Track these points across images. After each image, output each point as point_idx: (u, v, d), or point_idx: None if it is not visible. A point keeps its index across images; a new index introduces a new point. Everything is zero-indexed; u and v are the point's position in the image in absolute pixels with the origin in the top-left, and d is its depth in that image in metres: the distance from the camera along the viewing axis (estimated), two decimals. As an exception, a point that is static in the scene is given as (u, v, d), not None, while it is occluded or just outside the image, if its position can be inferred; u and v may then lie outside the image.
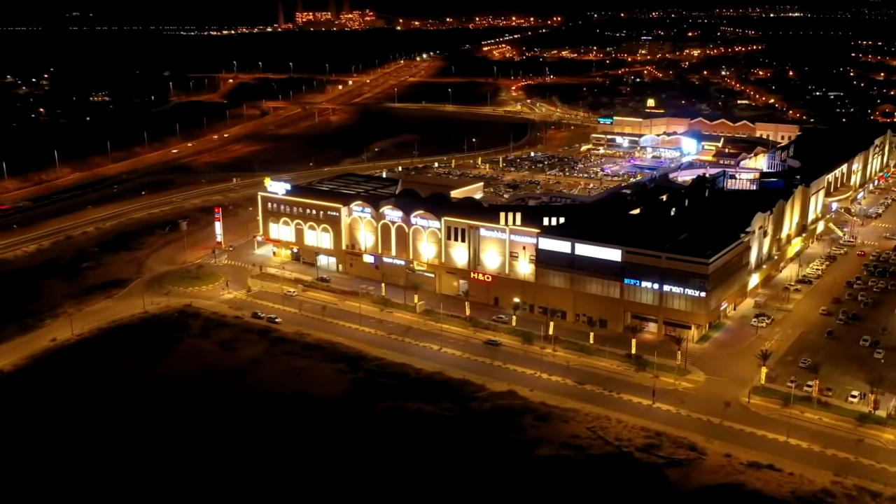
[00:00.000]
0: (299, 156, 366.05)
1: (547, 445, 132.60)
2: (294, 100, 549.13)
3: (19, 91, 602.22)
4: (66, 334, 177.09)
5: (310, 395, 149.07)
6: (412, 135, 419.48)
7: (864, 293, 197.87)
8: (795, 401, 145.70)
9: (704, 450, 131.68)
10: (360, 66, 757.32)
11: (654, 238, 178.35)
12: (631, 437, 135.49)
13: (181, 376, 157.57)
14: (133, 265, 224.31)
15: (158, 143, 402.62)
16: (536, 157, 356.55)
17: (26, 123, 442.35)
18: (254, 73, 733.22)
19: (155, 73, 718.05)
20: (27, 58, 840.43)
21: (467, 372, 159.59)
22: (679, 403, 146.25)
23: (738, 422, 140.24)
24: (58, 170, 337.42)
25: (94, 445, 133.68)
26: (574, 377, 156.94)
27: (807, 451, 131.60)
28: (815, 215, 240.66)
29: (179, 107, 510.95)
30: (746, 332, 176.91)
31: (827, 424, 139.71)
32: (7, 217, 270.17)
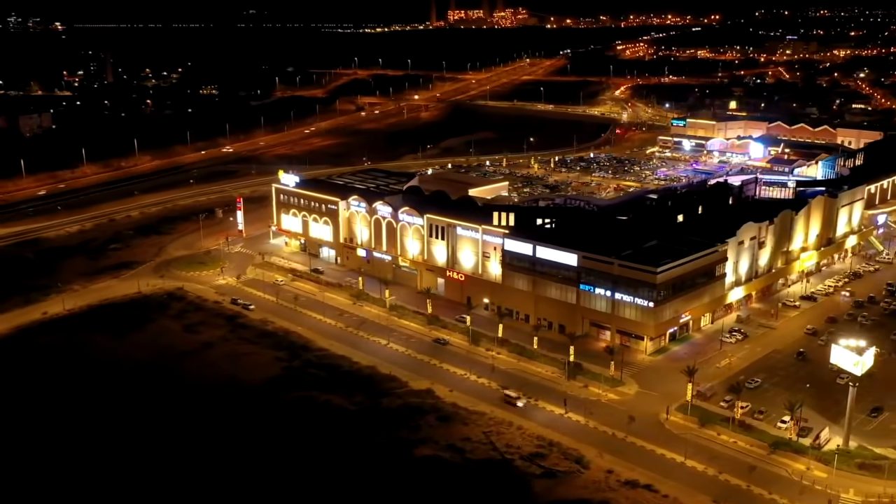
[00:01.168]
0: (369, 150, 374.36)
1: (431, 446, 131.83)
2: (394, 96, 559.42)
3: (147, 83, 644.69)
4: (58, 309, 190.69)
5: (235, 381, 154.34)
6: (489, 132, 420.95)
7: (865, 314, 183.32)
8: (718, 422, 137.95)
9: (589, 463, 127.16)
10: (477, 63, 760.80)
11: (621, 244, 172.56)
12: (522, 445, 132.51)
13: (132, 354, 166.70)
14: (154, 248, 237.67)
15: (244, 135, 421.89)
16: (597, 158, 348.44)
17: (133, 114, 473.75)
18: (372, 70, 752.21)
19: (280, 68, 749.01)
20: (185, 53, 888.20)
21: (399, 368, 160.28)
22: (588, 415, 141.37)
23: (642, 438, 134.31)
24: (137, 157, 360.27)
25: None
26: (501, 380, 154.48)
27: (699, 473, 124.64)
28: (850, 228, 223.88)
29: (280, 101, 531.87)
30: (711, 346, 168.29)
31: (739, 448, 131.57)
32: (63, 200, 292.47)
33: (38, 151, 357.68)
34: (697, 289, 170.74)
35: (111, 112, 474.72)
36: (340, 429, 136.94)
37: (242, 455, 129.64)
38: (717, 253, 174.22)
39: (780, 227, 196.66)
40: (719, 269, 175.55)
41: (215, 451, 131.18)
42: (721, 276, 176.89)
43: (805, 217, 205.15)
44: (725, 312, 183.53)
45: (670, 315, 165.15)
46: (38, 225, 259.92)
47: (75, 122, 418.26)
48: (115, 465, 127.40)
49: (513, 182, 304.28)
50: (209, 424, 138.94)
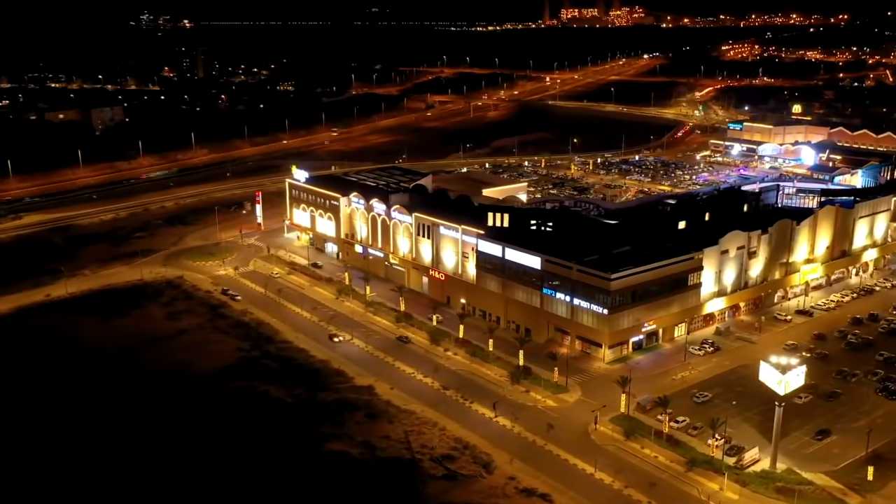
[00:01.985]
0: (420, 149, 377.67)
1: (346, 442, 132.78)
2: (465, 95, 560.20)
3: (235, 79, 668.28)
4: (61, 292, 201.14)
5: (189, 368, 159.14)
6: (547, 133, 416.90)
7: (857, 332, 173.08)
8: (647, 435, 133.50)
9: (495, 469, 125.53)
10: (565, 63, 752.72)
11: (595, 249, 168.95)
12: (437, 446, 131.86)
13: (108, 338, 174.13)
14: (174, 238, 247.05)
15: (305, 131, 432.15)
16: (642, 160, 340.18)
17: (208, 108, 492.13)
18: (459, 68, 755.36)
19: (369, 65, 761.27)
20: (290, 50, 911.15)
21: (351, 364, 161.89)
22: (514, 420, 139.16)
23: (562, 446, 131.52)
24: (195, 150, 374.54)
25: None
26: (444, 381, 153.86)
27: (603, 486, 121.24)
28: (871, 241, 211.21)
29: (353, 98, 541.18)
30: (676, 358, 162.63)
31: (657, 463, 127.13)
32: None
33: (106, 143, 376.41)
34: (664, 297, 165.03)
35: (188, 106, 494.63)
36: (264, 419, 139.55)
37: (151, 440, 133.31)
38: (689, 261, 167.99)
39: (777, 238, 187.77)
40: (692, 278, 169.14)
41: (129, 435, 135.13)
42: (695, 286, 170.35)
43: (810, 227, 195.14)
44: (706, 323, 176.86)
45: (629, 323, 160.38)
46: (75, 212, 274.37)
47: (147, 115, 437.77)
48: (30, 443, 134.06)
49: (544, 183, 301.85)
50: (138, 410, 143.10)
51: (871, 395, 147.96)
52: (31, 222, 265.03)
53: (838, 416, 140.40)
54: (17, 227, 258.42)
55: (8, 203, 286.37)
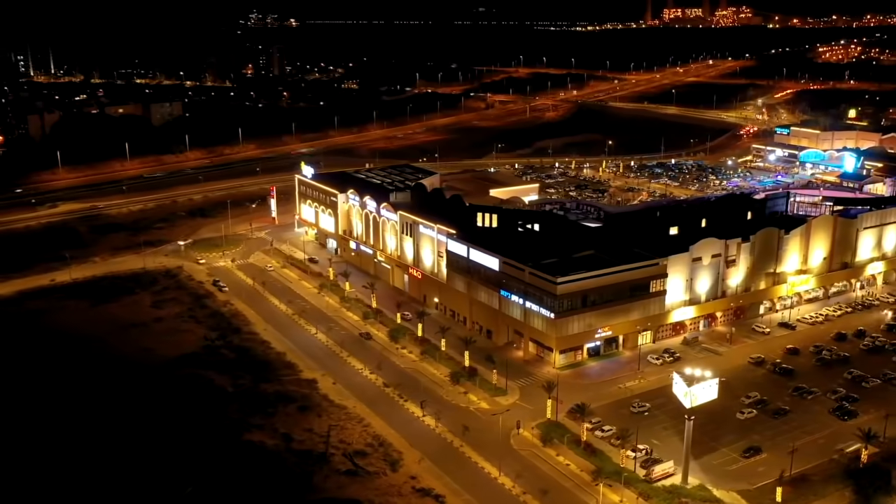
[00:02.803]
0: (462, 148, 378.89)
1: (267, 432, 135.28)
2: (523, 95, 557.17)
3: (309, 76, 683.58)
4: (65, 278, 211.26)
5: (150, 354, 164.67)
6: (597, 135, 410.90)
7: (834, 348, 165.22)
8: (566, 442, 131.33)
9: (400, 467, 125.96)
10: (644, 63, 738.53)
11: (559, 251, 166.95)
12: (355, 441, 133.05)
13: (88, 322, 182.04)
14: (190, 229, 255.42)
15: (358, 128, 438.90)
16: (679, 164, 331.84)
17: (271, 105, 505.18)
18: (534, 68, 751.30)
19: (445, 64, 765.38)
20: (378, 48, 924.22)
21: (305, 357, 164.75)
22: (438, 420, 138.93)
23: (476, 449, 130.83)
24: (242, 145, 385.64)
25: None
26: (388, 378, 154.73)
27: (501, 491, 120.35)
28: (878, 253, 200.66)
29: (415, 96, 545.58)
30: (632, 366, 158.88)
31: (566, 471, 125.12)
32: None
33: (162, 136, 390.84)
34: (622, 304, 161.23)
35: (251, 103, 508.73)
36: (197, 407, 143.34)
37: (75, 420, 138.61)
38: (651, 268, 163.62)
39: (761, 247, 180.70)
40: (655, 285, 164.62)
41: (55, 415, 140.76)
42: (658, 293, 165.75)
43: (802, 237, 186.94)
44: (676, 332, 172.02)
45: (581, 328, 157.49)
46: (108, 202, 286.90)
47: (205, 111, 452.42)
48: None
49: (567, 185, 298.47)
50: (77, 392, 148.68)
51: (822, 415, 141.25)
52: (64, 210, 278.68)
53: (778, 433, 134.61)
54: (51, 215, 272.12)
55: (52, 192, 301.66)
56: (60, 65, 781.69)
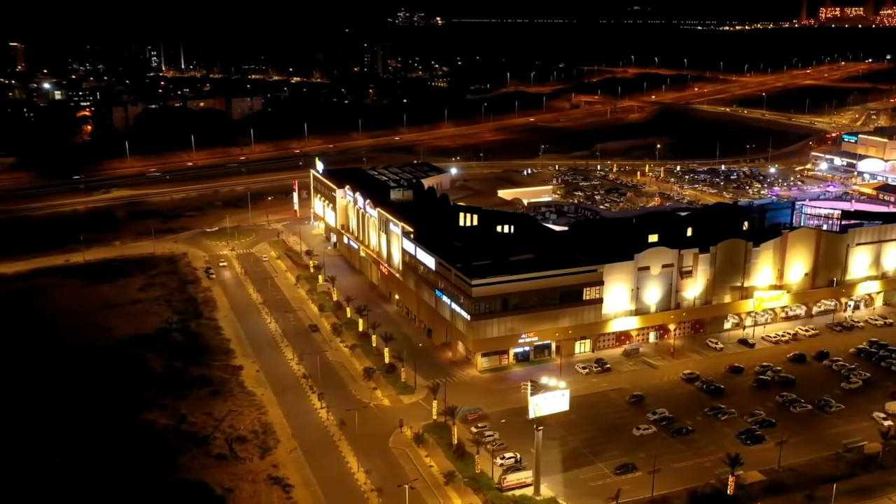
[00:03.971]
0: (521, 149, 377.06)
1: (165, 413, 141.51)
2: (610, 96, 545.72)
3: (413, 73, 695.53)
4: (79, 258, 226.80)
5: (108, 333, 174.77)
6: (665, 137, 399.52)
7: (779, 369, 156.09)
8: (441, 445, 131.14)
9: (269, 455, 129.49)
10: (760, 65, 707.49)
11: (505, 254, 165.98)
12: (243, 427, 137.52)
13: (72, 299, 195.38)
14: (214, 218, 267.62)
15: (429, 126, 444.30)
16: (730, 171, 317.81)
17: (356, 102, 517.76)
18: (644, 69, 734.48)
19: (554, 63, 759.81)
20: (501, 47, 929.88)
21: (247, 345, 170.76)
22: (328, 413, 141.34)
23: (352, 443, 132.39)
24: (307, 140, 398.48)
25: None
26: (309, 370, 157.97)
27: (351, 486, 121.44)
28: (876, 272, 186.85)
29: (501, 96, 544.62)
30: (542, 374, 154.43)
31: (425, 472, 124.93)
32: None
33: (237, 130, 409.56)
34: (551, 310, 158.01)
35: (339, 99, 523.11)
36: (116, 385, 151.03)
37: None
38: (582, 274, 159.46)
39: (725, 258, 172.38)
40: (589, 292, 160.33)
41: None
42: (594, 301, 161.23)
43: (777, 251, 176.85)
44: (622, 342, 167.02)
45: (501, 332, 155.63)
46: (155, 190, 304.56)
47: (286, 106, 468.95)
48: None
49: (600, 188, 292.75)
50: (13, 366, 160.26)
51: (727, 438, 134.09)
52: (115, 196, 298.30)
53: (666, 452, 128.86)
54: (100, 200, 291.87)
55: (112, 179, 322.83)
56: (190, 60, 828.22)
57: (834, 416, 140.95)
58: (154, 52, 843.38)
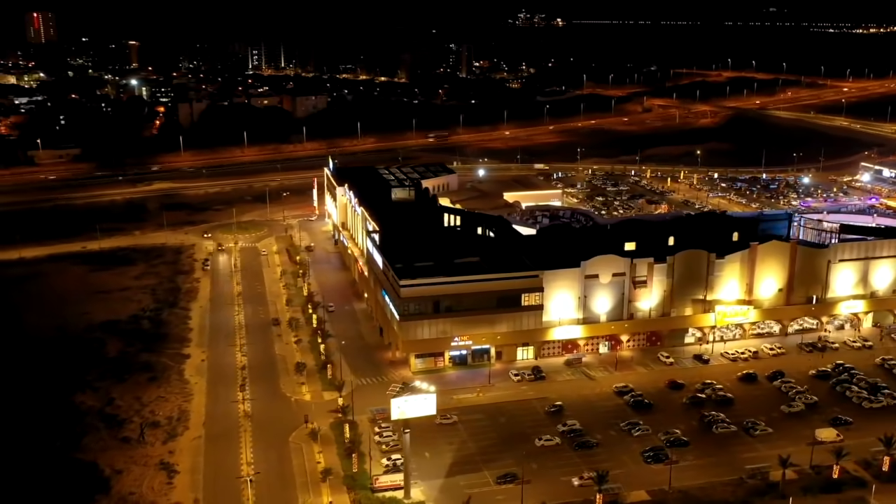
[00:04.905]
0: (574, 152, 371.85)
1: (95, 395, 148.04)
2: (683, 100, 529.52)
3: (497, 75, 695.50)
4: (95, 246, 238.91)
5: (84, 317, 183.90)
6: (727, 144, 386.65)
7: (721, 388, 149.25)
8: (335, 443, 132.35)
9: (171, 441, 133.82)
10: (864, 70, 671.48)
11: (457, 255, 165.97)
12: (160, 414, 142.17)
13: (70, 283, 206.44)
14: (239, 212, 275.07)
15: (489, 127, 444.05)
16: (767, 180, 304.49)
17: (426, 102, 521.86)
18: (737, 72, 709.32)
19: (644, 65, 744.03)
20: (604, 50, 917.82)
21: (206, 335, 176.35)
22: (242, 404, 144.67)
23: (254, 435, 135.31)
24: (360, 139, 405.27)
25: None
26: (251, 361, 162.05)
27: (229, 475, 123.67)
28: (864, 290, 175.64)
29: (573, 98, 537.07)
30: (476, 379, 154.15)
31: (310, 468, 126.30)
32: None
33: (292, 128, 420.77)
34: (486, 314, 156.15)
35: (410, 99, 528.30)
36: (64, 367, 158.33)
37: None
38: (523, 280, 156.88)
39: (685, 269, 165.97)
40: (528, 298, 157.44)
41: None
42: (534, 307, 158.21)
43: (744, 264, 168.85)
44: (569, 351, 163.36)
45: (432, 334, 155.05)
46: (193, 183, 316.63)
47: (349, 105, 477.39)
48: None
49: (626, 194, 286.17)
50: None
51: (633, 455, 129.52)
52: (155, 188, 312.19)
53: (560, 465, 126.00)
54: (140, 192, 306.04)
55: (158, 172, 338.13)
56: (290, 59, 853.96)
57: (758, 439, 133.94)
58: (255, 52, 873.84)
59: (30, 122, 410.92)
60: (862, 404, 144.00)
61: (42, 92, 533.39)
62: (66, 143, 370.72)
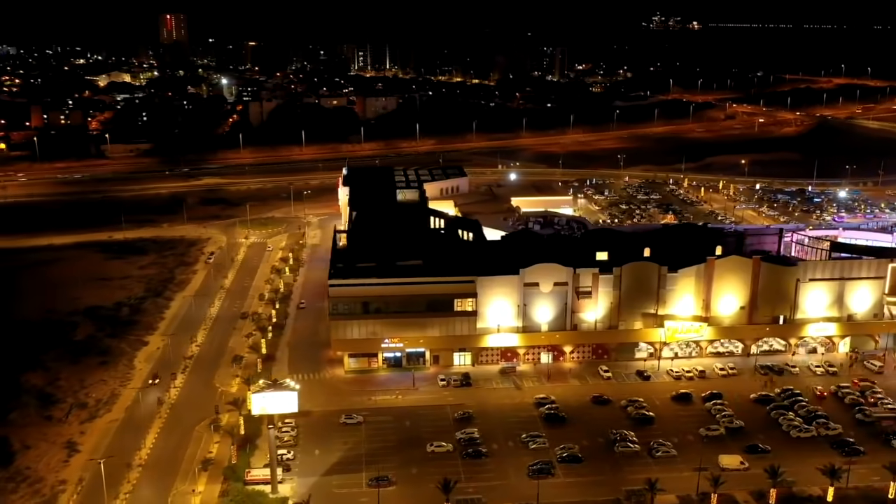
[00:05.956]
0: (634, 159, 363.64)
1: (44, 375, 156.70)
2: (768, 108, 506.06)
3: (591, 79, 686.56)
4: (120, 236, 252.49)
5: (72, 302, 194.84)
6: (795, 154, 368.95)
7: (646, 406, 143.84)
8: (233, 436, 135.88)
9: (88, 422, 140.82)
10: None
11: (399, 257, 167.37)
12: (90, 396, 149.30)
13: (79, 269, 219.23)
14: (270, 208, 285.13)
15: (554, 131, 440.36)
16: (812, 192, 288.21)
17: (500, 105, 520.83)
18: (851, 79, 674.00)
19: (749, 71, 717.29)
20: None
21: (175, 324, 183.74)
22: (167, 392, 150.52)
23: (164, 422, 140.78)
24: (418, 141, 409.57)
25: None
26: (200, 352, 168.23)
27: (123, 458, 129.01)
28: (843, 314, 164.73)
29: (653, 103, 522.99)
30: (405, 381, 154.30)
31: (199, 456, 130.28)
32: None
33: (357, 128, 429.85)
34: (415, 317, 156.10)
35: (487, 102, 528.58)
36: (30, 349, 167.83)
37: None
38: (453, 285, 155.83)
39: (633, 282, 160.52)
40: (460, 303, 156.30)
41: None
42: (467, 313, 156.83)
43: (700, 279, 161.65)
44: (509, 359, 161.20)
45: (362, 334, 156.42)
46: (237, 180, 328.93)
47: (418, 107, 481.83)
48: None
49: (647, 202, 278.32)
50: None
51: (519, 467, 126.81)
52: (203, 183, 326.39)
53: (443, 472, 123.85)
54: (186, 186, 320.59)
55: (234, 167, 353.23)
56: (394, 61, 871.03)
57: (657, 461, 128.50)
58: (361, 53, 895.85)
59: (115, 118, 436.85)
60: (790, 433, 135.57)
61: (149, 89, 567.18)
62: (138, 139, 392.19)
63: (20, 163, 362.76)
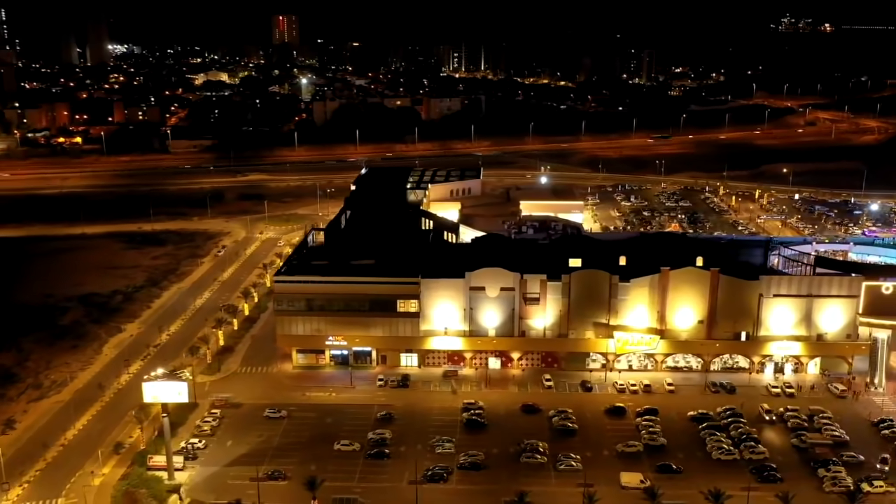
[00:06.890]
0: (687, 164, 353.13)
1: (20, 356, 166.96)
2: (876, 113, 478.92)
3: (679, 81, 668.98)
4: (148, 228, 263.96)
5: (77, 287, 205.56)
6: (855, 163, 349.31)
7: (573, 418, 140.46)
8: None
9: (38, 402, 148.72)
10: None
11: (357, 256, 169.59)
12: (56, 379, 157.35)
13: (94, 257, 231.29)
14: (298, 206, 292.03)
15: (616, 134, 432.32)
16: (865, 204, 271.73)
17: (569, 108, 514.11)
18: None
19: (855, 76, 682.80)
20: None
21: (158, 314, 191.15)
22: (116, 379, 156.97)
23: (107, 407, 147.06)
24: (475, 142, 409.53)
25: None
26: (169, 341, 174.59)
27: (51, 443, 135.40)
28: (811, 332, 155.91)
29: (730, 108, 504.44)
30: (346, 379, 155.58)
31: (119, 440, 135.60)
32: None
33: (434, 128, 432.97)
34: (360, 316, 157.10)
35: (558, 104, 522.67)
36: (15, 331, 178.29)
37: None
38: (396, 286, 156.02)
39: (583, 290, 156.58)
40: (403, 304, 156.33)
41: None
42: (410, 314, 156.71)
43: (654, 290, 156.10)
44: (456, 363, 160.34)
45: (305, 331, 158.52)
46: (280, 177, 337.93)
47: (482, 108, 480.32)
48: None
49: (674, 209, 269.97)
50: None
51: (412, 470, 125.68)
52: (248, 179, 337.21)
53: (343, 470, 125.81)
54: (230, 182, 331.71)
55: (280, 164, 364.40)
56: (488, 62, 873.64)
57: (560, 474, 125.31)
58: (456, 54, 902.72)
59: (188, 115, 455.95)
60: (712, 454, 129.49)
61: (239, 88, 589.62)
62: (205, 135, 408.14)
63: (90, 156, 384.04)
